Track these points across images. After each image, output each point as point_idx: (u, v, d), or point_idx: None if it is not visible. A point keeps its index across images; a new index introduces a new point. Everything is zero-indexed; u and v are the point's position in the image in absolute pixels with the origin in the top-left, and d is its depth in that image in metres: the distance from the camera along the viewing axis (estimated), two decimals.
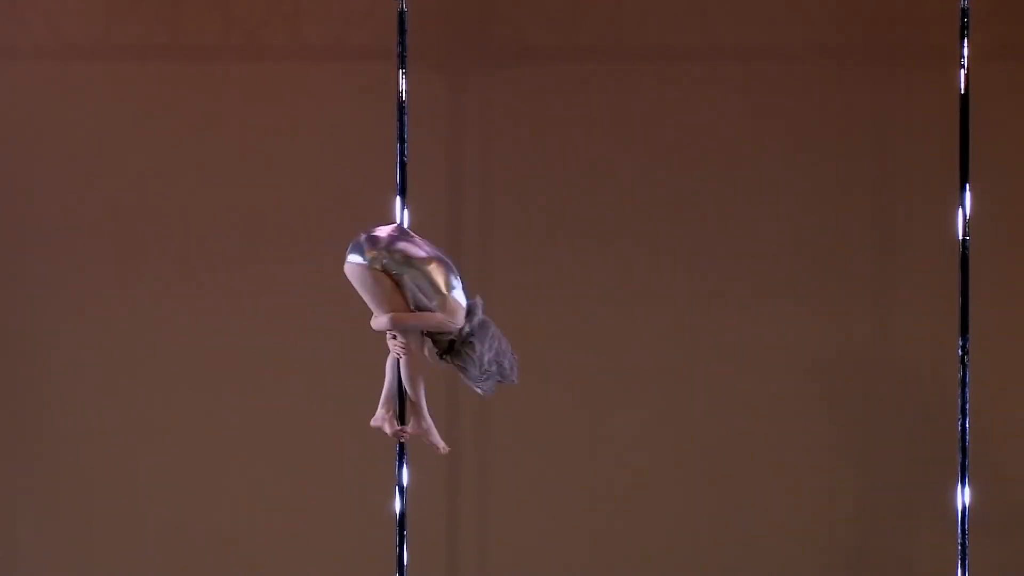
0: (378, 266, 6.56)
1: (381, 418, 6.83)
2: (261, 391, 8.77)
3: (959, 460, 7.67)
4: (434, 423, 6.76)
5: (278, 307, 8.76)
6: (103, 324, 8.80)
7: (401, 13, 7.42)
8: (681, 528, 8.79)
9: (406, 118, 7.27)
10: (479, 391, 6.75)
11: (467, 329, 6.63)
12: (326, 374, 8.74)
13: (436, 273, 6.60)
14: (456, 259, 7.05)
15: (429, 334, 6.65)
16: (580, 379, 8.79)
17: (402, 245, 6.57)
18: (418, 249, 6.59)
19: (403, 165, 7.24)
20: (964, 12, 7.61)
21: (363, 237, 6.57)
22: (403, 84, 7.34)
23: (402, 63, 7.36)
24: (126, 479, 8.80)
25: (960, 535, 7.69)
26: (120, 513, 8.80)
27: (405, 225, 7.14)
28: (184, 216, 8.79)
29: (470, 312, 6.64)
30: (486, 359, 6.67)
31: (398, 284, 6.56)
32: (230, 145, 8.78)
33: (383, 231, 6.61)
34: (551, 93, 8.75)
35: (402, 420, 6.85)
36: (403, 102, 7.31)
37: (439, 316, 6.61)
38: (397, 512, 7.30)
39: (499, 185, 8.72)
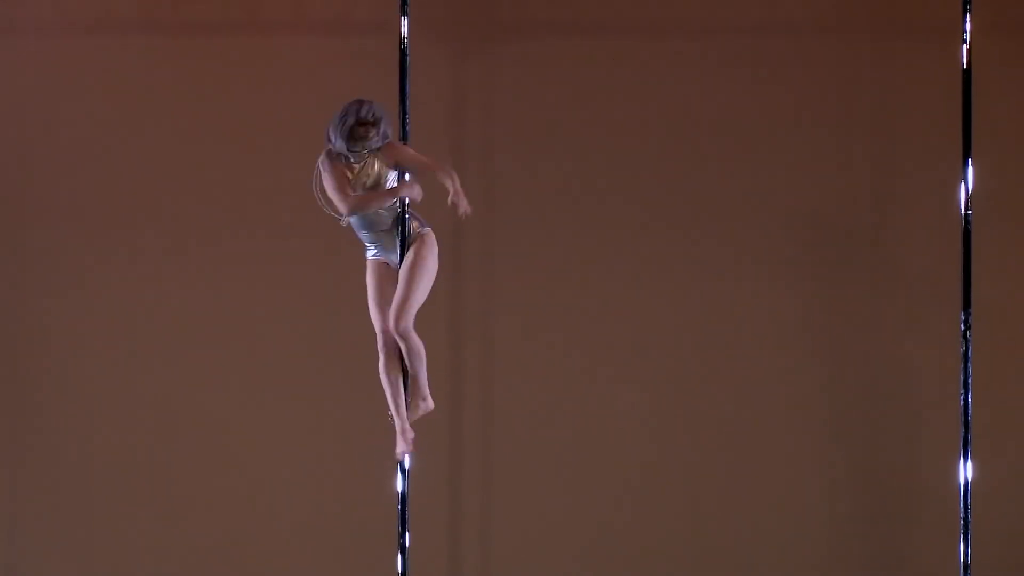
0: None
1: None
2: (263, 374, 8.76)
3: (961, 434, 7.67)
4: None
5: (281, 288, 8.75)
6: (103, 309, 8.79)
7: None
8: (685, 504, 8.79)
9: (408, 92, 7.24)
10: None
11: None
12: (328, 356, 8.72)
13: None
14: (458, 235, 7.09)
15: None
16: (583, 357, 8.78)
17: None
18: None
19: (404, 139, 7.21)
20: None
21: None
22: (405, 58, 7.31)
23: (404, 38, 7.33)
24: (128, 455, 8.79)
25: (963, 510, 7.69)
26: (124, 484, 8.79)
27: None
28: (185, 191, 8.77)
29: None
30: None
31: None
32: (231, 120, 8.76)
33: None
34: (553, 68, 8.74)
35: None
36: (405, 77, 7.28)
37: None
38: (399, 492, 7.28)
39: (501, 159, 8.72)
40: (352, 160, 7.02)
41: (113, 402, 8.79)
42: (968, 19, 7.57)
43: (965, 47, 7.62)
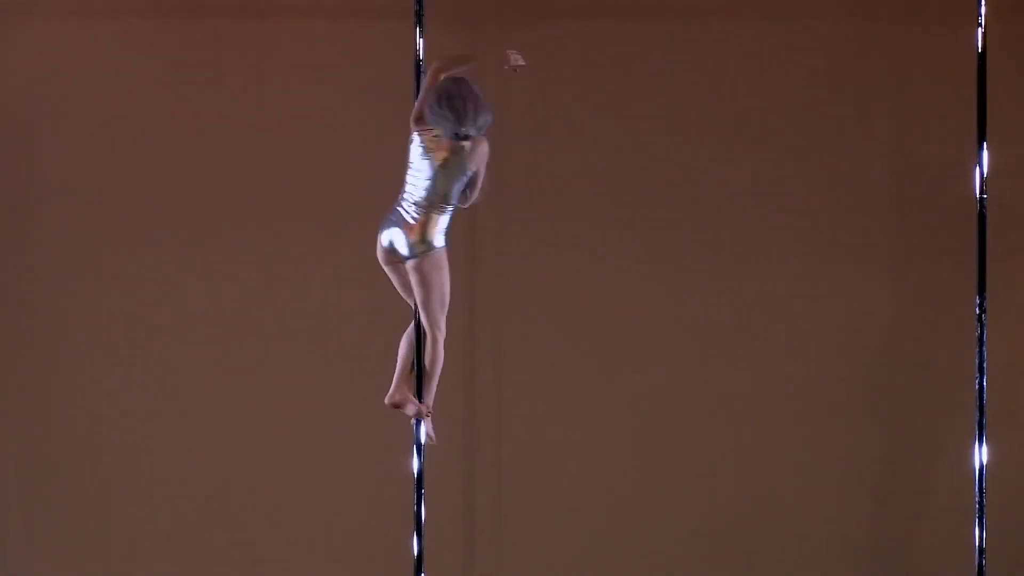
0: None
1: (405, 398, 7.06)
2: (276, 353, 8.77)
3: (976, 418, 7.67)
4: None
5: (295, 270, 8.75)
6: (115, 300, 8.78)
7: None
8: (698, 486, 8.78)
9: (423, 77, 7.23)
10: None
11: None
12: (343, 336, 8.74)
13: None
14: (471, 216, 7.09)
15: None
16: (597, 337, 8.78)
17: None
18: None
19: None
20: None
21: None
22: (420, 43, 7.31)
23: (419, 21, 7.33)
24: (141, 443, 8.80)
25: (978, 493, 7.69)
26: (137, 473, 8.80)
27: None
28: (200, 177, 8.77)
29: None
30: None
31: None
32: (245, 104, 8.75)
33: None
34: (567, 51, 8.73)
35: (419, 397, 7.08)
36: (420, 61, 7.28)
37: None
38: (414, 472, 7.30)
39: (515, 143, 8.71)
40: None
41: (125, 394, 8.80)
42: (983, 2, 7.56)
43: (980, 30, 7.62)
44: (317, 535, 8.79)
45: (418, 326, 7.01)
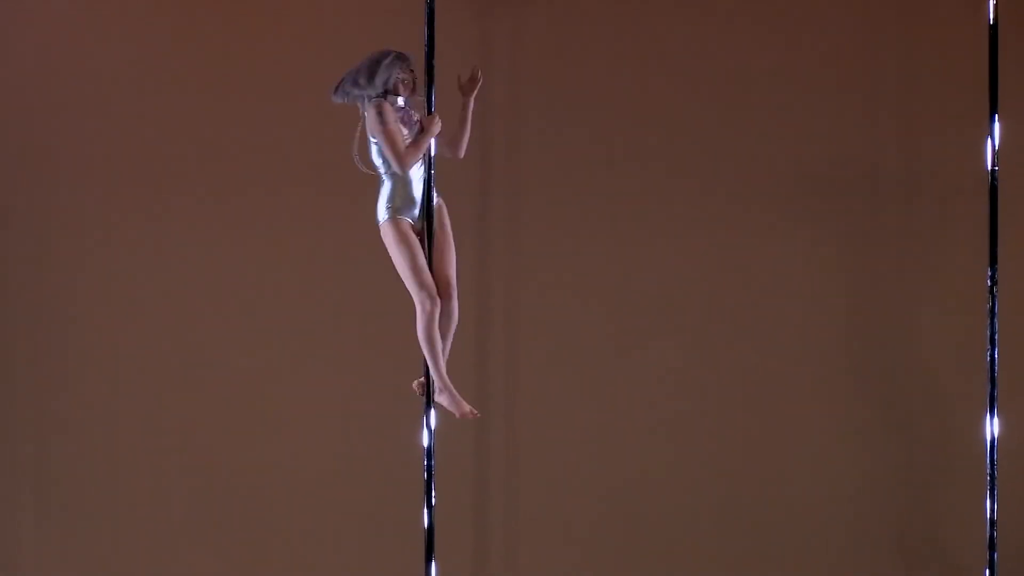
0: None
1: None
2: (288, 329, 8.76)
3: (988, 390, 7.68)
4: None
5: (306, 242, 8.74)
6: (127, 297, 8.78)
7: None
8: (712, 462, 8.79)
9: (434, 45, 7.19)
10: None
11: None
12: (355, 315, 8.71)
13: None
14: (485, 188, 7.07)
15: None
16: (610, 311, 8.77)
17: None
18: None
19: (430, 94, 7.16)
20: None
21: None
22: (432, 12, 7.26)
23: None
24: (151, 421, 8.80)
25: (989, 466, 7.71)
26: (149, 455, 8.80)
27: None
28: (210, 146, 8.74)
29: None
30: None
31: None
32: (255, 70, 8.73)
33: None
34: (579, 21, 8.71)
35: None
36: (431, 30, 7.23)
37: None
38: (425, 447, 7.27)
39: (527, 113, 8.70)
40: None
41: (138, 394, 8.80)
42: None
43: (992, 2, 7.62)
44: (329, 512, 8.78)
45: None
